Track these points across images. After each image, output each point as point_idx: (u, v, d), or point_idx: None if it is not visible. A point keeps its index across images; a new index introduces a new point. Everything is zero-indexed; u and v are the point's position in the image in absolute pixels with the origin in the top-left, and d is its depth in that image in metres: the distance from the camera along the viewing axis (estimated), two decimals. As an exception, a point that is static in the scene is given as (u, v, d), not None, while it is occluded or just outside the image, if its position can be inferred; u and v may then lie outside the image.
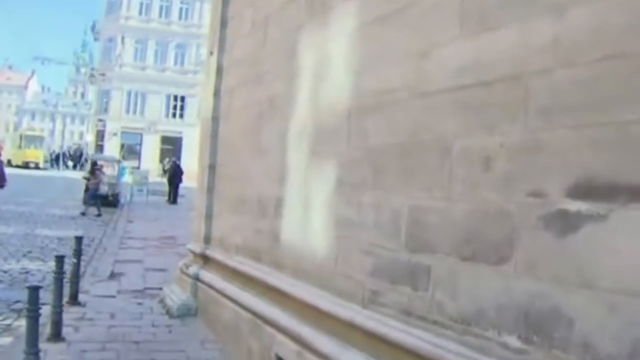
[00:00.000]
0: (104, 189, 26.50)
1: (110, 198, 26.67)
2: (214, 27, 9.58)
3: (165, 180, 35.46)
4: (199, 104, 62.84)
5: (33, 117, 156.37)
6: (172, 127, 64.16)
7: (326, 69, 5.95)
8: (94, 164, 26.65)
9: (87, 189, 24.32)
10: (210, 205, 9.12)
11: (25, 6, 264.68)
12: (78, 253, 9.06)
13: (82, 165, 49.07)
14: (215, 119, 9.17)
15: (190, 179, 45.70)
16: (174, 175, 32.99)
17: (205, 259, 8.96)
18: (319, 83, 6.07)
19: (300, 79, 6.52)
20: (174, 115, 65.38)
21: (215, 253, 8.65)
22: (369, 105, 5.14)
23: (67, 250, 14.47)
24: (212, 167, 9.14)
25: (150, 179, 33.46)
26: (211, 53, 9.58)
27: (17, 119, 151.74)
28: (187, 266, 9.38)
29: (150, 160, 58.69)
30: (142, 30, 63.99)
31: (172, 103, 65.33)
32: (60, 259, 7.61)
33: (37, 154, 62.12)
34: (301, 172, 6.26)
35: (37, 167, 59.12)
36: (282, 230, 6.60)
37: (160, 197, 31.72)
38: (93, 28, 69.82)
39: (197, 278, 8.89)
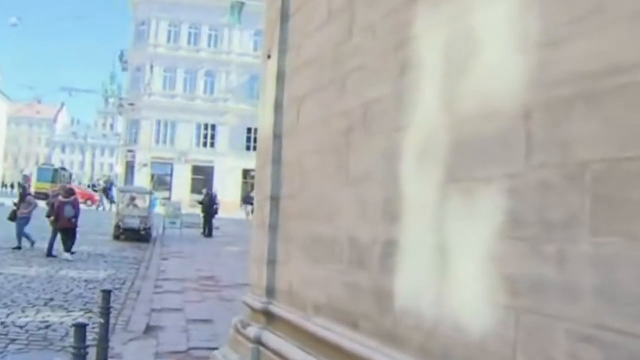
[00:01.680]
0: (135, 223, 24.78)
1: (142, 232, 24.95)
2: (271, 23, 7.69)
3: (199, 212, 33.77)
4: (230, 133, 61.56)
5: (63, 149, 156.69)
6: (203, 156, 62.79)
7: (469, 52, 3.98)
8: (23, 188, 24.86)
9: (13, 218, 20.46)
10: (274, 248, 7.14)
11: (52, 38, 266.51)
12: (106, 312, 7.11)
13: (112, 198, 47.47)
14: (277, 138, 7.24)
15: (226, 210, 44.17)
16: (210, 206, 31.21)
17: (269, 317, 6.97)
18: (457, 74, 4.10)
19: (418, 75, 4.56)
20: (205, 144, 64.01)
21: (283, 311, 6.66)
22: (574, 97, 3.16)
23: (96, 295, 12.63)
24: (274, 200, 7.19)
25: (183, 211, 31.63)
26: (269, 57, 7.68)
27: (47, 152, 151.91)
28: (245, 325, 7.39)
29: (182, 191, 57.07)
30: (171, 58, 62.82)
31: (202, 132, 63.98)
32: (81, 330, 5.68)
33: (46, 187, 61.09)
34: (429, 206, 4.27)
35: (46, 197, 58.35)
36: (396, 289, 4.61)
37: (194, 229, 29.89)
38: (121, 57, 68.77)
39: (259, 342, 6.90)
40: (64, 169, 78.71)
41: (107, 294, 7.31)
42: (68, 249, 18.98)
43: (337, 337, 5.33)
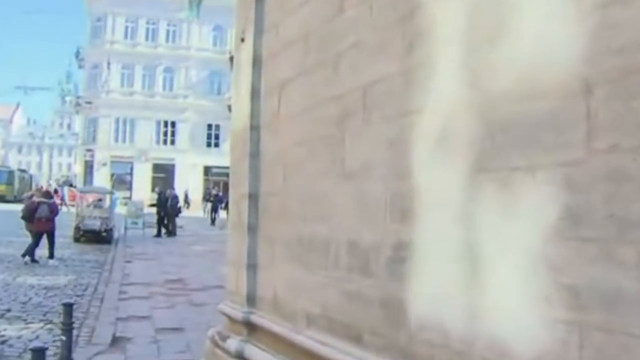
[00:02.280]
0: (95, 224, 23.85)
1: (104, 234, 24.03)
2: (244, 1, 6.98)
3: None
4: (190, 129, 60.51)
5: (20, 150, 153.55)
6: (163, 154, 61.77)
7: (503, 14, 3.34)
8: None
9: None
10: (254, 251, 6.46)
11: (7, 38, 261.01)
12: (68, 328, 6.35)
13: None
14: (254, 129, 6.55)
15: (193, 209, 43.26)
16: (165, 206, 30.30)
17: (251, 328, 6.30)
18: (486, 44, 3.46)
19: (431, 48, 3.91)
20: (165, 142, 62.93)
21: (267, 321, 5.98)
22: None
23: (56, 304, 11.81)
24: (253, 197, 6.50)
25: (144, 210, 30.66)
26: (242, 39, 6.97)
27: (3, 153, 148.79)
28: (223, 337, 6.70)
29: (143, 190, 55.83)
30: (128, 54, 61.52)
31: (162, 129, 62.88)
32: (39, 354, 4.92)
33: (0, 188, 60.66)
34: (452, 201, 3.63)
35: (3, 200, 57.11)
36: (411, 299, 3.96)
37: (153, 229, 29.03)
38: (77, 55, 67.22)
39: (241, 357, 6.23)
40: (23, 170, 76.69)
41: (68, 307, 6.55)
42: (51, 254, 18.03)
43: (334, 353, 4.68)
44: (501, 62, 3.33)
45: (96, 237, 23.74)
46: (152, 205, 30.98)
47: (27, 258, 17.34)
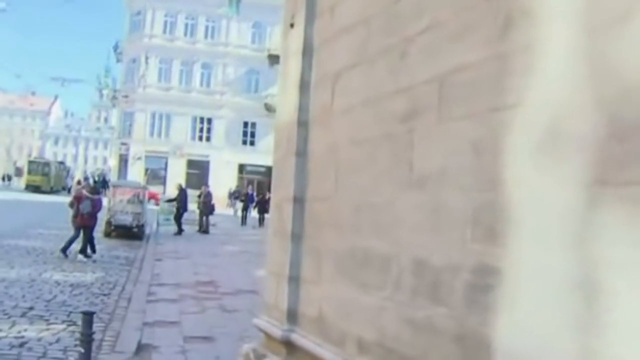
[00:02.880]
0: (127, 220, 23.32)
1: (135, 229, 23.47)
2: (296, -15, 6.27)
3: (194, 208, 32.37)
4: (226, 126, 60.00)
5: (56, 142, 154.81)
6: (198, 150, 61.17)
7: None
8: None
9: None
10: (297, 262, 5.75)
11: (47, 33, 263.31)
12: (87, 340, 5.67)
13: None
14: (302, 125, 5.83)
15: (222, 206, 42.77)
16: (206, 202, 29.72)
17: (291, 349, 5.59)
18: (613, 23, 2.69)
19: (536, 28, 3.15)
20: (200, 138, 62.29)
21: (310, 342, 5.27)
22: None
23: (82, 303, 11.22)
24: (298, 201, 5.78)
25: (178, 206, 30.06)
26: (291, 25, 6.26)
27: (40, 144, 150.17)
28: (259, 356, 6.00)
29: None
30: (166, 49, 61.07)
31: (198, 125, 62.24)
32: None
33: (36, 179, 61.04)
34: (563, 220, 2.87)
35: (38, 190, 57.67)
36: (498, 337, 3.21)
37: (189, 226, 28.42)
38: (115, 48, 67.10)
39: (279, 380, 5.51)
40: (61, 162, 76.81)
41: (88, 316, 5.86)
42: (84, 248, 17.44)
43: (394, 391, 3.93)
44: (636, 45, 2.56)
45: (127, 232, 23.22)
46: (170, 200, 29.98)
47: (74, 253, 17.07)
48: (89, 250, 17.37)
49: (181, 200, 28.41)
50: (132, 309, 11.11)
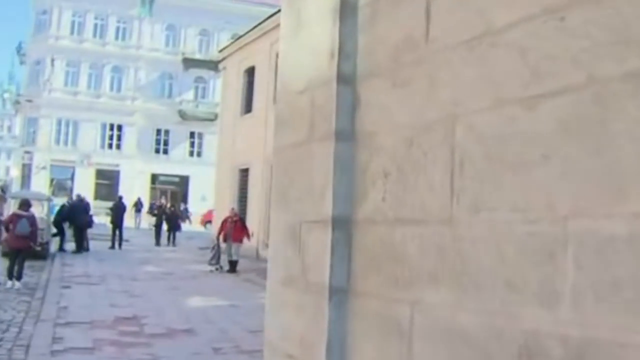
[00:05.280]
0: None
1: (38, 248, 19.96)
2: None
3: (104, 220, 29.13)
4: (137, 134, 56.53)
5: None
6: (108, 159, 57.61)
7: None
8: None
9: None
10: (341, 341, 2.99)
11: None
12: None
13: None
14: (345, 82, 3.13)
15: (131, 218, 39.32)
16: (118, 215, 26.57)
17: None
18: None
19: None
20: (110, 146, 58.71)
21: None
22: None
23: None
24: (341, 226, 3.03)
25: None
26: None
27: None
28: None
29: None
30: (74, 51, 57.16)
31: (107, 133, 58.69)
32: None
33: None
34: None
35: None
36: None
37: (99, 241, 25.16)
38: (19, 50, 62.67)
39: None
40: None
41: None
42: (19, 275, 14.81)
43: None
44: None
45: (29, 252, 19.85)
46: (110, 209, 27.32)
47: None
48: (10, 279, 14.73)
49: (117, 214, 25.52)
50: (29, 365, 8.12)
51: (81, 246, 23.49)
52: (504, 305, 2.29)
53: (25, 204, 15.75)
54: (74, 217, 23.79)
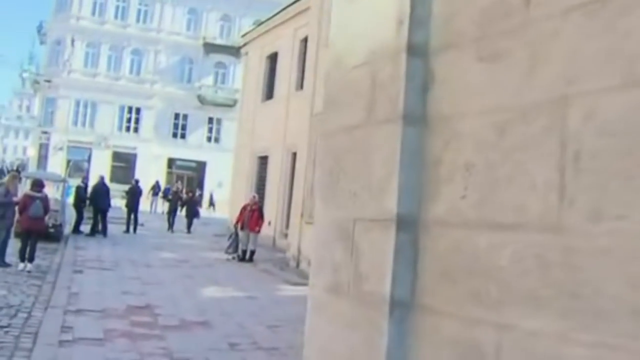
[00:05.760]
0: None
1: (51, 229, 19.60)
2: None
3: (119, 204, 28.71)
4: (155, 118, 56.13)
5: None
6: (125, 142, 57.19)
7: None
8: None
9: None
10: (403, 359, 2.49)
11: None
12: None
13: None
14: (417, 54, 2.64)
15: (147, 202, 38.89)
16: (134, 198, 26.15)
17: None
18: None
19: None
20: (128, 129, 58.29)
21: None
22: None
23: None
24: (407, 227, 2.55)
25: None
26: None
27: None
28: None
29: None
30: (94, 32, 56.74)
31: (125, 115, 58.23)
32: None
33: None
34: None
35: None
36: None
37: (114, 225, 24.73)
38: (40, 29, 62.30)
39: None
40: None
41: None
42: (31, 257, 14.49)
43: None
44: None
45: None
46: (127, 192, 27.48)
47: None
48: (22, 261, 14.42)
49: (132, 196, 25.14)
50: (35, 355, 7.66)
51: (95, 229, 23.06)
52: (630, 339, 1.79)
53: (37, 184, 15.26)
54: (96, 199, 23.34)
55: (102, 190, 23.88)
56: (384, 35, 2.75)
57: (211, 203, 49.51)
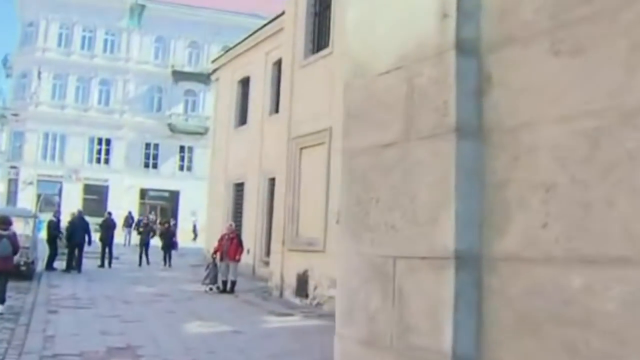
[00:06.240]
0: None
1: (23, 267, 18.87)
2: None
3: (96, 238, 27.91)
4: (126, 148, 55.46)
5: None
6: (96, 174, 56.47)
7: None
8: None
9: None
10: None
11: None
12: None
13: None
14: (469, 53, 2.14)
15: (120, 234, 38.01)
16: (108, 231, 25.47)
17: None
18: None
19: None
20: (99, 160, 57.54)
21: None
22: None
23: None
24: (469, 265, 2.03)
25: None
26: None
27: None
28: None
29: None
30: (61, 63, 56.01)
31: (96, 147, 57.52)
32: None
33: None
34: None
35: None
36: None
37: (89, 259, 24.00)
38: (5, 62, 61.42)
39: None
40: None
41: None
42: (1, 298, 13.57)
43: None
44: None
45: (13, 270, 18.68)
46: (100, 225, 26.45)
47: None
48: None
49: (106, 229, 25.05)
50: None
51: (71, 265, 22.32)
52: None
53: (3, 222, 14.38)
54: (72, 234, 22.62)
55: (79, 225, 23.17)
56: (422, 32, 2.27)
57: (194, 232, 48.73)
